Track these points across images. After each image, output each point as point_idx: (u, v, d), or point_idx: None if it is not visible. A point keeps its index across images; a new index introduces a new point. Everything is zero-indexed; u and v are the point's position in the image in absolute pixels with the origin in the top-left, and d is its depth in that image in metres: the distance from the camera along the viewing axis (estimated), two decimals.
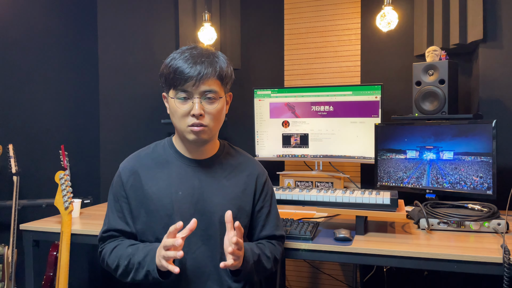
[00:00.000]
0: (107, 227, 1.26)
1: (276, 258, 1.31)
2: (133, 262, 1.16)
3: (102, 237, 1.28)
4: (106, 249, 1.25)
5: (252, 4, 2.66)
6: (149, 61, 2.59)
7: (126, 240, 1.25)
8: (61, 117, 2.68)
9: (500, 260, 1.30)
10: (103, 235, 1.27)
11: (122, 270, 1.19)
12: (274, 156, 2.35)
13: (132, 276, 1.17)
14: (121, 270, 1.19)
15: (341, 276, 2.48)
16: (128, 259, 1.18)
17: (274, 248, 1.32)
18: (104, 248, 1.26)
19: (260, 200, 1.33)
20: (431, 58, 2.00)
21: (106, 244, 1.27)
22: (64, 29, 2.71)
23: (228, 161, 1.31)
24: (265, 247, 1.28)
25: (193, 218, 1.20)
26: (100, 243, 1.29)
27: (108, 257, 1.23)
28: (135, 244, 1.23)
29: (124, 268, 1.18)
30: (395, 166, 1.97)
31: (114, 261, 1.21)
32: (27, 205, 2.37)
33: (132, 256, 1.17)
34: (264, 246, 1.29)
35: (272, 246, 1.32)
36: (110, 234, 1.26)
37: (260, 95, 2.34)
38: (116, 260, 1.20)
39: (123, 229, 1.25)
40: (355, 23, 2.43)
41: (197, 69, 1.15)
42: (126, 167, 1.27)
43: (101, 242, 1.29)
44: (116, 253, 1.21)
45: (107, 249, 1.25)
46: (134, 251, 1.18)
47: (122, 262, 1.19)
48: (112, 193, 1.28)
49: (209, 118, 1.18)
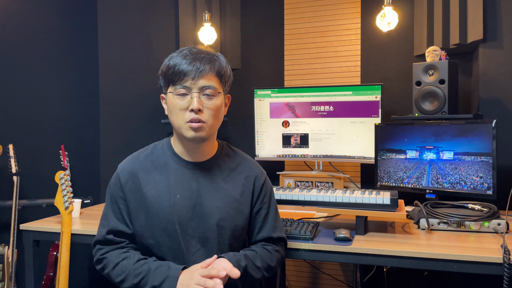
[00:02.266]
0: (108, 228, 1.24)
1: (270, 266, 1.28)
2: (145, 283, 1.15)
3: (105, 239, 1.24)
4: (109, 259, 1.22)
5: (252, 4, 2.66)
6: (149, 61, 2.59)
7: (131, 252, 1.22)
8: (61, 117, 2.69)
9: (500, 260, 1.30)
10: (107, 236, 1.23)
11: (129, 286, 1.17)
12: (274, 156, 2.35)
13: None
14: (128, 286, 1.17)
15: (341, 276, 2.48)
16: (139, 279, 1.15)
17: (268, 255, 1.29)
18: (107, 257, 1.23)
19: (258, 202, 1.32)
20: (431, 58, 2.00)
21: (107, 250, 1.24)
22: (64, 29, 2.71)
23: (226, 163, 1.30)
24: (256, 257, 1.25)
25: (192, 221, 1.20)
26: (98, 245, 1.25)
27: (112, 270, 1.20)
28: (143, 260, 1.20)
29: (132, 285, 1.16)
30: (395, 166, 1.97)
31: (119, 275, 1.19)
32: (27, 205, 2.38)
33: (143, 277, 1.15)
34: (255, 255, 1.25)
35: (267, 254, 1.29)
36: (111, 238, 1.23)
37: (260, 95, 2.34)
38: (122, 275, 1.18)
39: (124, 230, 1.23)
40: (355, 23, 2.43)
41: (195, 65, 1.16)
42: (125, 169, 1.26)
43: (99, 244, 1.25)
44: (122, 268, 1.19)
45: (110, 260, 1.22)
46: (145, 271, 1.16)
47: (130, 279, 1.17)
48: (110, 194, 1.26)
49: (207, 114, 1.18)
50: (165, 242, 1.21)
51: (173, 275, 1.13)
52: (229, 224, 1.24)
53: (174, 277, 1.13)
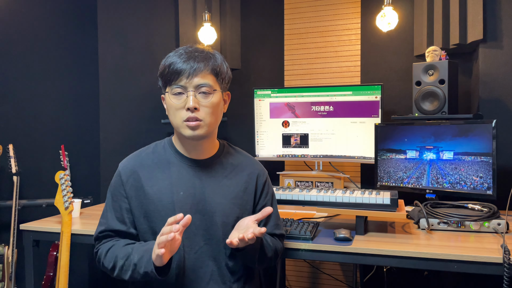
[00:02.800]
0: (105, 227, 1.25)
1: (277, 250, 1.32)
2: (129, 263, 1.16)
3: (98, 236, 1.27)
4: (101, 249, 1.24)
5: (252, 4, 2.66)
6: (149, 61, 2.59)
7: (122, 240, 1.24)
8: (61, 117, 2.69)
9: (500, 260, 1.30)
10: (99, 234, 1.26)
11: (118, 271, 1.18)
12: (274, 156, 2.35)
13: (130, 276, 1.16)
14: (118, 271, 1.18)
15: (341, 276, 2.48)
16: (124, 260, 1.17)
17: (275, 240, 1.34)
18: (100, 249, 1.25)
19: (261, 199, 1.34)
20: (431, 58, 2.00)
21: (101, 244, 1.26)
22: (64, 29, 2.71)
23: (229, 161, 1.31)
24: (267, 236, 1.31)
25: (195, 218, 1.19)
26: (96, 242, 1.28)
27: (104, 258, 1.22)
28: (131, 243, 1.22)
29: (120, 268, 1.17)
30: (395, 166, 1.97)
31: (110, 261, 1.20)
32: (27, 205, 2.38)
33: (128, 257, 1.16)
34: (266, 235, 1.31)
35: (273, 239, 1.34)
36: (106, 234, 1.25)
37: (260, 95, 2.34)
38: (112, 260, 1.19)
39: (120, 229, 1.24)
40: (355, 23, 2.43)
41: (190, 63, 1.16)
42: (126, 167, 1.26)
43: (97, 241, 1.28)
44: (112, 254, 1.20)
45: (103, 250, 1.24)
46: (130, 251, 1.17)
47: (118, 262, 1.18)
48: (111, 192, 1.27)
49: (204, 112, 1.18)
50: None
51: (151, 248, 1.12)
52: (233, 221, 1.25)
53: (151, 249, 1.11)
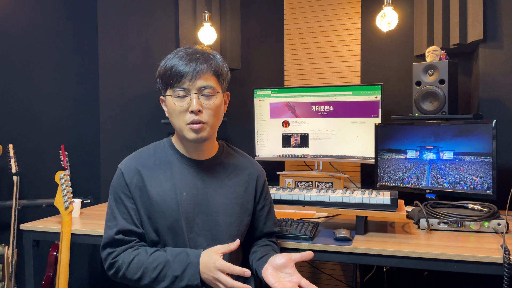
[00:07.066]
0: (118, 228, 1.19)
1: None
2: (165, 274, 1.14)
3: (114, 240, 1.19)
4: (121, 260, 1.18)
5: (252, 4, 2.66)
6: (149, 61, 2.59)
7: (142, 248, 1.20)
8: (61, 117, 2.69)
9: (500, 260, 1.30)
10: (116, 237, 1.19)
11: (149, 281, 1.15)
12: (274, 156, 2.35)
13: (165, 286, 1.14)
14: (148, 281, 1.15)
15: (341, 276, 2.48)
16: (158, 271, 1.14)
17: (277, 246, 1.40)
18: (119, 260, 1.18)
19: (262, 200, 1.36)
20: (431, 58, 2.00)
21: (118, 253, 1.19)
22: (64, 29, 2.71)
23: (229, 161, 1.31)
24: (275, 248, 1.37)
25: (198, 218, 1.21)
26: (108, 249, 1.20)
27: (127, 269, 1.17)
28: (157, 251, 1.18)
29: (152, 279, 1.14)
30: (395, 166, 1.97)
31: (135, 273, 1.16)
32: (27, 205, 2.38)
33: (162, 268, 1.14)
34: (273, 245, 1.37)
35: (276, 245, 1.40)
36: (120, 238, 1.19)
37: (260, 95, 2.34)
38: (139, 271, 1.15)
39: (133, 229, 1.20)
40: (355, 23, 2.43)
41: (192, 65, 1.15)
42: (128, 167, 1.23)
43: (109, 247, 1.20)
44: (138, 264, 1.16)
45: (123, 260, 1.18)
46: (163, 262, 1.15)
47: (148, 273, 1.14)
48: (115, 194, 1.23)
49: (207, 114, 1.18)
50: (170, 240, 1.21)
51: (195, 261, 1.13)
52: (236, 220, 1.26)
53: (196, 263, 1.12)
